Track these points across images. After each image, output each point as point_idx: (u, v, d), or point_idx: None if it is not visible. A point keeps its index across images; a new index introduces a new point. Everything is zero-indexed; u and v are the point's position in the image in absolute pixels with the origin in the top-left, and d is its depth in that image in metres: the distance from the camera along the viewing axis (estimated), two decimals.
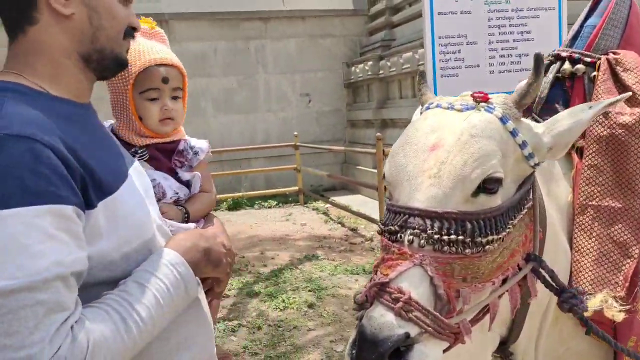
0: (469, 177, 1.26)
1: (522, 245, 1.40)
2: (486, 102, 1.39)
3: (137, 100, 1.58)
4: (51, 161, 0.97)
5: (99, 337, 0.98)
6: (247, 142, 10.89)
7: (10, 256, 0.90)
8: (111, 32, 1.17)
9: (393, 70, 9.68)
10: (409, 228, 1.24)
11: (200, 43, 10.72)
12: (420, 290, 1.20)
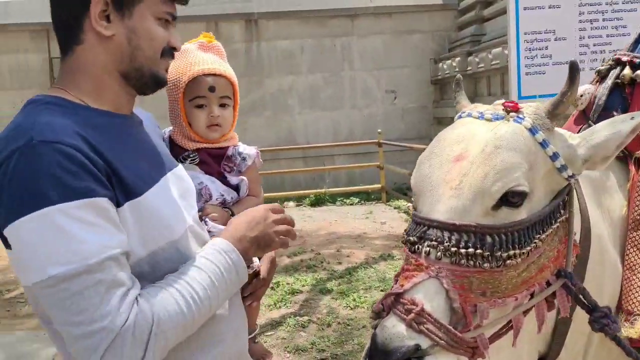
0: (489, 190, 1.23)
1: (554, 260, 1.33)
2: (516, 111, 1.33)
3: (187, 108, 1.67)
4: (79, 159, 1.07)
5: (162, 310, 1.09)
6: (332, 138, 10.99)
7: (63, 246, 1.02)
8: (148, 52, 1.25)
9: (481, 67, 9.38)
10: (427, 239, 1.23)
11: (288, 41, 10.93)
12: (435, 302, 1.18)
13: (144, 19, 1.23)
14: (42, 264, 1.02)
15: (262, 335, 4.58)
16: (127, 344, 1.03)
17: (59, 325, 1.06)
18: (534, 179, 1.28)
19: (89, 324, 1.02)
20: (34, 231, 1.02)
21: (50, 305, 1.04)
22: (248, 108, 10.93)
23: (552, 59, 5.61)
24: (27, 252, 1.04)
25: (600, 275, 1.55)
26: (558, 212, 1.34)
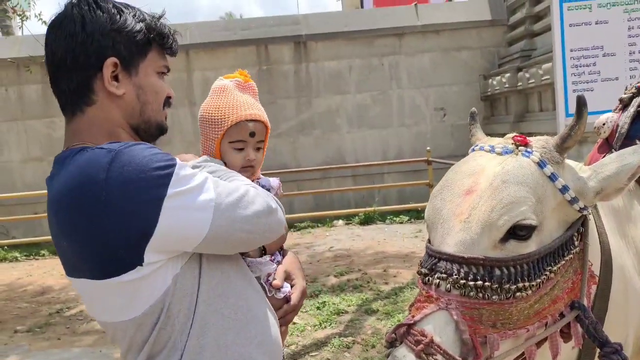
0: (495, 223, 1.26)
1: (569, 291, 1.34)
2: (525, 145, 1.36)
3: (224, 148, 1.73)
4: (146, 144, 1.28)
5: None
6: (381, 157, 11.00)
7: (194, 180, 1.25)
8: (155, 105, 1.38)
9: (532, 82, 9.22)
10: (438, 271, 1.27)
11: (336, 61, 11.08)
12: (444, 334, 1.21)
13: (148, 75, 1.35)
14: (203, 200, 1.24)
15: (306, 355, 4.64)
16: (262, 194, 1.38)
17: (243, 220, 1.29)
18: (542, 212, 1.30)
19: (247, 197, 1.31)
20: (181, 190, 1.21)
21: (229, 216, 1.27)
22: (297, 128, 11.11)
23: (601, 76, 5.50)
24: (190, 206, 1.22)
25: (625, 305, 1.54)
26: (572, 244, 1.35)
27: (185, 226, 1.22)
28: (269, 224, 1.37)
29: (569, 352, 1.46)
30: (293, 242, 8.96)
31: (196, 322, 1.31)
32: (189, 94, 10.96)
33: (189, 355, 1.30)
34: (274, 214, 1.38)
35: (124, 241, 1.18)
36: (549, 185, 1.32)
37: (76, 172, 1.20)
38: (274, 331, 1.49)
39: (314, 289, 6.29)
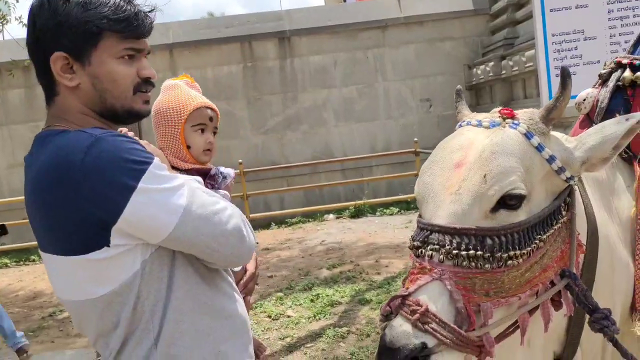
0: (486, 194, 1.28)
1: (558, 260, 1.37)
2: (512, 118, 1.39)
3: (187, 132, 1.88)
4: (129, 138, 1.31)
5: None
6: (368, 150, 11.03)
7: (170, 182, 1.28)
8: (116, 92, 1.35)
9: (516, 70, 9.29)
10: (430, 244, 1.29)
11: (321, 56, 11.08)
12: (439, 303, 1.23)
13: (104, 63, 1.32)
14: (174, 203, 1.26)
15: (302, 347, 4.67)
16: (244, 219, 1.38)
17: (210, 235, 1.30)
18: (531, 182, 1.33)
19: (223, 215, 1.31)
20: (153, 188, 1.24)
21: (197, 227, 1.28)
22: (284, 124, 11.11)
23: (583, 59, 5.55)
24: (159, 205, 1.25)
25: (611, 274, 1.57)
26: (559, 214, 1.38)
27: (149, 222, 1.25)
28: (237, 248, 1.36)
29: (560, 320, 1.48)
30: (285, 238, 8.99)
31: (172, 307, 1.34)
32: None
33: (167, 340, 1.34)
34: (244, 241, 1.37)
35: (92, 222, 1.22)
36: (536, 155, 1.35)
37: (56, 152, 1.24)
38: (241, 308, 1.53)
39: (307, 282, 6.31)
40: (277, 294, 6.05)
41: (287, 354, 4.57)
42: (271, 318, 5.39)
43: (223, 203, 1.36)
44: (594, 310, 1.37)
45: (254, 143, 11.04)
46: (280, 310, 5.54)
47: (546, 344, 1.52)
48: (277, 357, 4.54)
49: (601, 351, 1.65)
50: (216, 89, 10.97)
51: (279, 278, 6.71)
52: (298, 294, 5.96)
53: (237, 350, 1.45)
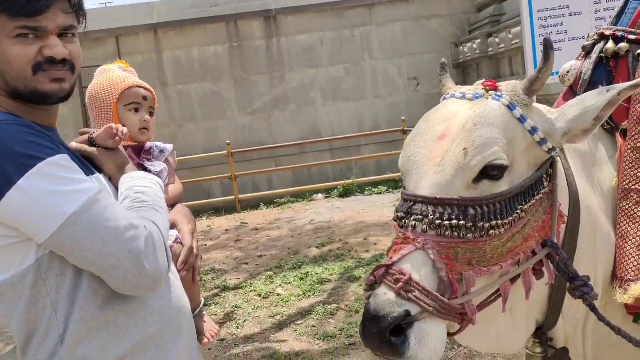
0: (469, 164, 1.30)
1: (539, 230, 1.39)
2: (495, 90, 1.40)
3: (121, 112, 1.87)
4: (38, 129, 1.23)
5: (152, 215, 1.30)
6: (356, 129, 11.03)
7: (67, 188, 1.17)
8: (12, 73, 1.28)
9: (502, 47, 9.31)
10: (413, 214, 1.30)
11: (307, 35, 11.01)
12: (422, 272, 1.25)
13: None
14: (57, 209, 1.15)
15: (292, 324, 4.72)
16: (155, 245, 1.22)
17: (94, 254, 1.18)
18: (513, 153, 1.35)
19: (123, 234, 1.17)
20: (37, 186, 1.14)
21: (81, 240, 1.17)
22: (272, 104, 11.07)
23: (568, 35, 5.57)
24: (39, 207, 1.15)
25: (593, 244, 1.60)
26: (541, 185, 1.40)
27: (25, 222, 1.17)
28: (131, 274, 1.20)
29: (542, 289, 1.51)
30: (274, 218, 9.01)
31: (79, 306, 1.27)
32: (160, 75, 10.81)
33: (75, 339, 1.27)
34: (141, 269, 1.20)
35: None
36: (519, 127, 1.36)
37: None
38: (174, 297, 1.44)
39: (296, 260, 6.35)
40: (266, 273, 6.08)
41: (277, 331, 4.62)
42: (261, 297, 5.43)
43: (136, 222, 1.21)
44: (573, 278, 1.40)
45: (242, 124, 10.99)
46: (270, 289, 5.58)
47: (528, 313, 1.55)
48: (268, 335, 4.59)
49: (583, 319, 1.69)
50: (202, 69, 10.88)
51: (268, 257, 6.74)
52: (288, 272, 6.00)
53: (165, 343, 1.38)
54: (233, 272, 6.40)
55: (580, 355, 1.70)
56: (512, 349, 1.59)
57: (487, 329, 1.45)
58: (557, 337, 1.65)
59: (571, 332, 1.68)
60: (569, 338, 1.68)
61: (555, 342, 1.66)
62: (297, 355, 4.13)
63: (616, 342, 1.71)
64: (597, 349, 1.71)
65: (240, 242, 7.70)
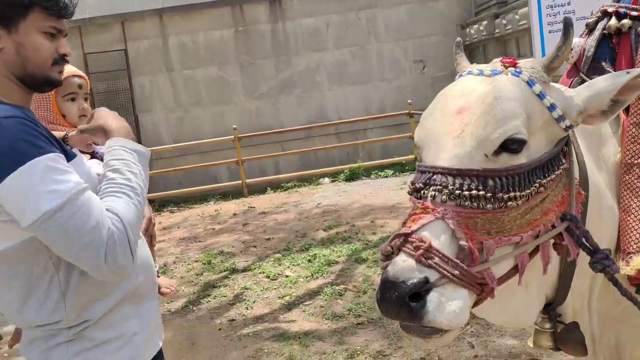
0: (489, 137, 1.32)
1: (559, 204, 1.41)
2: (514, 66, 1.42)
3: (59, 103, 2.04)
4: (34, 127, 1.36)
5: (125, 212, 1.38)
6: (363, 112, 11.03)
7: (48, 187, 1.29)
8: (37, 61, 1.47)
9: (509, 28, 9.25)
10: (433, 185, 1.31)
11: (313, 18, 10.97)
12: (441, 240, 1.26)
13: (30, 34, 1.45)
14: (35, 205, 1.28)
15: (300, 305, 4.79)
16: (116, 243, 1.33)
17: (62, 247, 1.32)
18: (532, 129, 1.37)
19: (86, 236, 1.29)
20: (23, 182, 1.28)
21: (51, 235, 1.30)
22: (278, 88, 11.07)
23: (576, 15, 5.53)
24: (20, 200, 1.29)
25: (599, 219, 1.63)
26: (559, 161, 1.42)
27: (9, 209, 1.32)
28: (96, 268, 1.34)
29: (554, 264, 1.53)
30: (281, 202, 9.07)
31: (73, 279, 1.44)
32: (166, 60, 10.83)
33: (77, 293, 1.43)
34: (102, 268, 1.33)
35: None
36: (538, 103, 1.38)
37: None
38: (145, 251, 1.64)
39: (304, 243, 6.41)
40: (274, 255, 6.15)
41: (286, 312, 4.69)
42: (270, 278, 5.50)
43: (102, 221, 1.32)
44: (594, 252, 1.41)
45: (248, 108, 11.02)
46: (278, 271, 5.64)
47: (540, 289, 1.57)
48: (277, 315, 4.66)
49: (588, 294, 1.71)
50: (208, 54, 10.89)
51: (276, 240, 6.81)
52: (295, 254, 6.06)
53: (145, 292, 1.59)
54: (241, 254, 6.47)
55: (587, 329, 1.72)
56: (525, 323, 1.61)
57: (505, 303, 1.47)
58: (566, 313, 1.68)
59: (578, 307, 1.70)
60: (577, 313, 1.70)
61: (564, 318, 1.68)
62: (306, 335, 4.20)
63: (619, 315, 1.75)
64: (603, 323, 1.74)
65: (248, 226, 7.77)
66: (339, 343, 4.00)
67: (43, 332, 1.46)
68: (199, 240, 7.41)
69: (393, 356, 3.73)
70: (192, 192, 10.24)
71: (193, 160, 10.49)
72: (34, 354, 1.49)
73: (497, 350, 3.66)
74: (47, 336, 1.46)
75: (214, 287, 5.55)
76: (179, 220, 8.77)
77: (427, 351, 3.72)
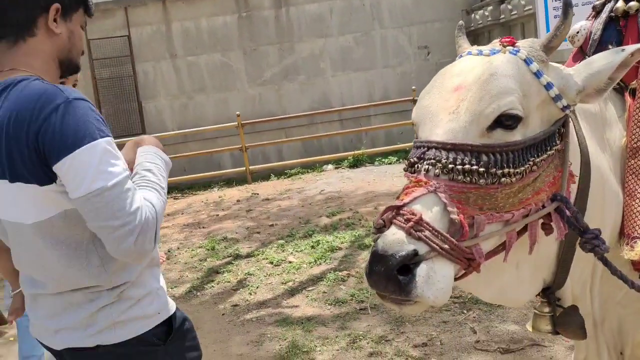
0: (484, 112, 1.32)
1: (550, 185, 1.41)
2: (513, 45, 1.41)
3: None
4: (97, 111, 1.52)
5: (156, 203, 1.52)
6: (366, 99, 10.99)
7: (103, 167, 1.42)
8: (79, 48, 1.69)
9: (514, 14, 9.18)
10: (426, 159, 1.31)
11: (317, 4, 10.90)
12: (433, 213, 1.26)
13: (77, 24, 1.66)
14: (90, 181, 1.41)
15: (303, 290, 4.80)
16: (148, 229, 1.45)
17: (100, 222, 1.43)
18: (528, 107, 1.36)
19: (126, 216, 1.42)
20: (84, 159, 1.41)
21: (95, 209, 1.43)
22: (282, 75, 11.03)
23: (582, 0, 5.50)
24: (78, 175, 1.41)
25: (602, 203, 1.62)
26: (553, 141, 1.41)
27: (66, 181, 1.44)
28: (117, 251, 1.46)
29: (550, 248, 1.53)
30: (284, 188, 9.07)
31: None
32: (169, 47, 10.80)
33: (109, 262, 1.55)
34: (129, 250, 1.45)
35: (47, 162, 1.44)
36: (535, 81, 1.38)
37: (34, 97, 1.44)
38: None
39: (307, 229, 6.42)
40: (278, 241, 6.16)
41: (289, 297, 4.71)
42: (273, 264, 5.51)
43: (138, 205, 1.45)
44: (584, 232, 1.41)
45: (251, 95, 10.99)
46: (281, 257, 5.66)
47: (535, 271, 1.57)
48: (280, 301, 4.68)
49: (590, 279, 1.71)
50: (211, 40, 10.84)
51: (279, 227, 6.82)
52: (299, 241, 6.07)
53: (156, 262, 1.73)
54: (245, 240, 6.49)
55: (588, 314, 1.72)
56: (514, 303, 1.62)
57: (491, 279, 1.47)
58: (565, 297, 1.67)
59: (579, 292, 1.70)
60: (577, 298, 1.70)
61: (563, 302, 1.68)
62: (309, 320, 4.22)
63: (622, 300, 1.74)
64: (604, 307, 1.74)
65: (251, 212, 7.78)
66: (341, 328, 4.02)
67: (84, 296, 1.55)
68: (202, 227, 7.43)
69: (395, 341, 3.75)
70: (195, 179, 10.25)
71: (196, 147, 10.48)
72: (72, 319, 1.56)
73: (498, 335, 3.67)
74: (88, 300, 1.56)
75: (217, 272, 5.57)
76: (182, 207, 8.79)
77: (429, 336, 3.74)
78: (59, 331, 1.58)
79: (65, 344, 1.58)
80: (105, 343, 1.56)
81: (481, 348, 3.55)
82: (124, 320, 1.57)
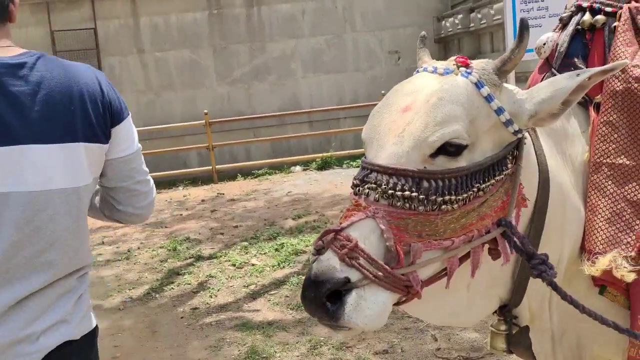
0: (427, 139, 1.29)
1: (498, 210, 1.38)
2: (466, 67, 1.38)
3: None
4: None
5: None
6: (336, 102, 10.98)
7: (135, 134, 1.67)
8: None
9: (484, 23, 9.29)
10: (368, 182, 1.29)
11: (289, 4, 10.84)
12: (369, 240, 1.24)
13: None
14: (134, 142, 1.66)
15: (265, 294, 4.73)
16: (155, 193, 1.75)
17: (142, 177, 1.67)
18: (476, 132, 1.33)
19: (148, 175, 1.70)
20: (130, 125, 1.65)
21: (138, 166, 1.67)
22: (252, 74, 10.93)
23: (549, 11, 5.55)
24: (128, 137, 1.64)
25: (562, 220, 1.60)
26: (504, 165, 1.38)
27: (117, 142, 1.61)
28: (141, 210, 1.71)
29: (505, 268, 1.51)
30: (251, 189, 8.98)
31: None
32: (137, 42, 10.59)
33: None
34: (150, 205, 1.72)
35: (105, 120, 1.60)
36: (485, 106, 1.35)
37: (86, 68, 1.61)
38: None
39: (272, 231, 6.35)
40: (242, 243, 6.08)
41: (250, 301, 4.64)
42: (235, 267, 5.43)
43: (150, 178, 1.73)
44: (531, 257, 1.39)
45: (220, 93, 10.86)
46: (244, 259, 5.58)
47: (489, 290, 1.55)
48: (241, 304, 4.60)
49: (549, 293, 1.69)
50: (180, 36, 10.68)
51: (244, 228, 6.73)
52: (263, 243, 6.00)
53: None
54: (208, 242, 6.38)
55: (547, 329, 1.71)
56: (466, 324, 1.61)
57: (440, 303, 1.45)
58: (522, 315, 1.66)
59: (537, 308, 1.68)
60: (535, 314, 1.69)
61: (520, 320, 1.67)
62: (270, 325, 4.15)
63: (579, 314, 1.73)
64: (564, 322, 1.73)
65: (216, 213, 7.67)
66: (302, 334, 3.97)
67: (79, 281, 1.54)
68: (165, 226, 7.28)
69: (356, 348, 3.71)
70: (160, 177, 10.04)
71: (163, 145, 10.30)
72: (62, 311, 1.46)
73: (459, 343, 3.67)
74: (79, 285, 1.54)
75: (178, 274, 5.45)
76: None
77: (391, 343, 3.71)
78: (45, 332, 1.42)
79: (51, 344, 1.42)
80: (86, 331, 1.52)
81: (442, 356, 3.54)
82: (90, 304, 1.57)
